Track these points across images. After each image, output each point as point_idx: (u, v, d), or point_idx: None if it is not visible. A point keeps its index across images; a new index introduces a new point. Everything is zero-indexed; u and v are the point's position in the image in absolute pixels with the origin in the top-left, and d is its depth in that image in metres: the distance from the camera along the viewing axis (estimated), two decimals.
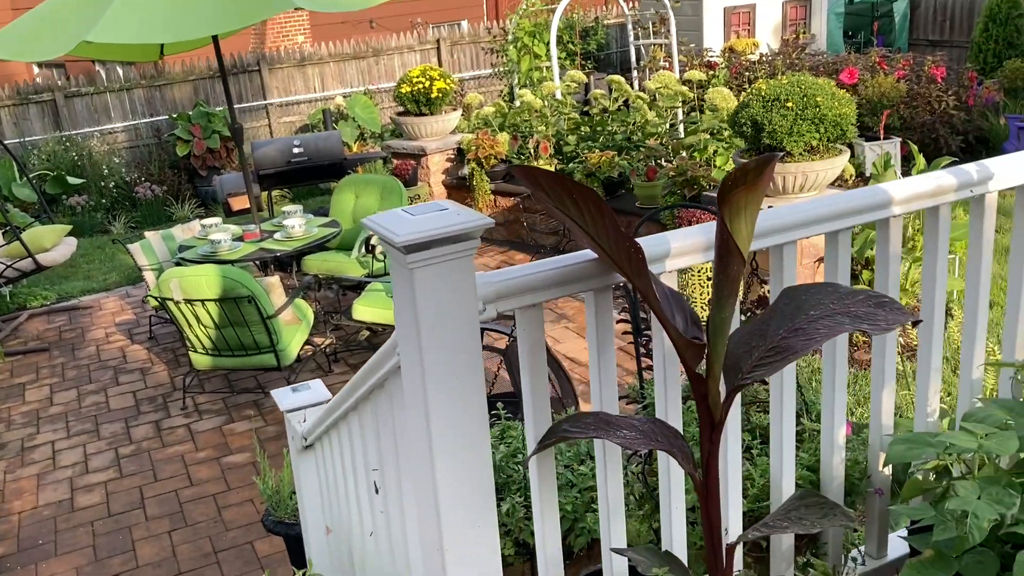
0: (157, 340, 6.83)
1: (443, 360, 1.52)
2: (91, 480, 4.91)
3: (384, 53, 12.58)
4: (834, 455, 2.01)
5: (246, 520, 4.40)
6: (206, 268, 5.24)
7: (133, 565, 4.13)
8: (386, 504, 2.09)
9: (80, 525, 4.49)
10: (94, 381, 6.21)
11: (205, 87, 11.59)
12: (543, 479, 1.73)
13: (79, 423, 5.60)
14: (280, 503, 3.44)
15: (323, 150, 8.15)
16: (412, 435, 1.64)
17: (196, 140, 10.88)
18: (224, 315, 5.28)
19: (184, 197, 10.84)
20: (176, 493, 4.71)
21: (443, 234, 1.46)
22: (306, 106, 12.18)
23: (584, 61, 12.22)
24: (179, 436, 5.32)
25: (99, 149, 10.86)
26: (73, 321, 7.46)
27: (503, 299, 1.59)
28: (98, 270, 8.81)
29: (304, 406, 2.93)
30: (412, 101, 8.48)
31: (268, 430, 5.29)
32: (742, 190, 1.45)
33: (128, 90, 11.17)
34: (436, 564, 1.65)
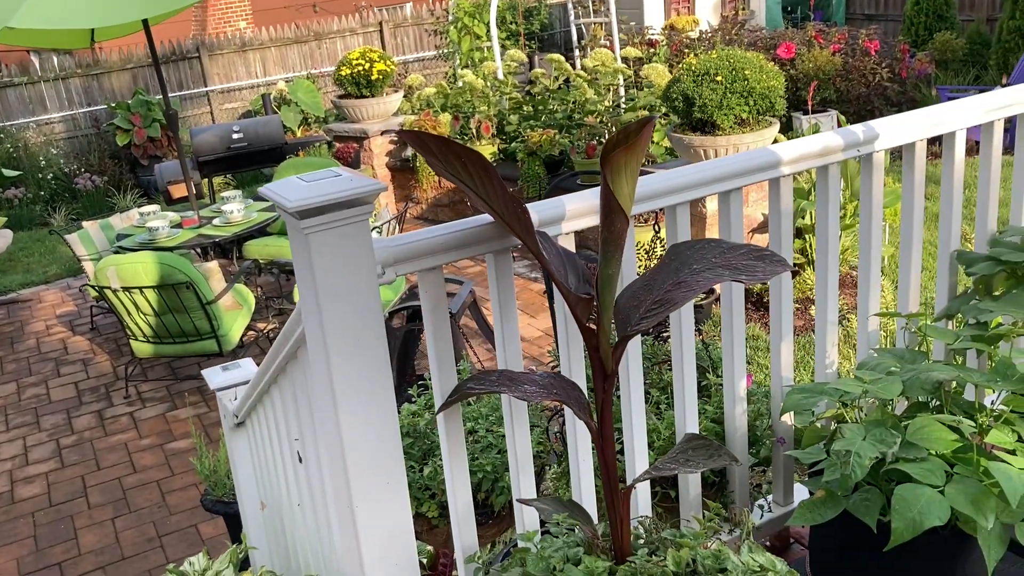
0: (99, 331, 6.77)
1: (343, 322, 1.57)
2: (31, 472, 4.88)
3: (326, 37, 12.49)
4: (736, 406, 2.10)
5: (190, 504, 4.41)
6: (143, 255, 5.22)
7: (76, 553, 4.13)
8: (308, 473, 2.14)
9: (20, 516, 4.47)
10: (34, 373, 6.15)
11: (144, 75, 11.42)
12: (451, 434, 1.79)
13: (19, 415, 5.55)
14: (218, 483, 3.47)
15: (263, 135, 8.11)
16: (320, 399, 1.69)
17: (136, 129, 10.73)
18: (163, 302, 5.26)
19: (126, 187, 10.69)
20: (119, 481, 4.70)
21: (336, 199, 1.51)
22: (248, 92, 12.06)
23: (528, 41, 12.25)
24: (122, 424, 5.30)
25: (35, 140, 10.66)
26: (12, 315, 7.35)
27: (401, 263, 1.65)
28: (38, 263, 8.68)
29: (235, 384, 2.96)
30: (353, 84, 8.46)
31: (212, 415, 5.29)
32: (622, 150, 1.51)
33: (64, 79, 10.97)
34: (348, 523, 1.70)
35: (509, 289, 1.78)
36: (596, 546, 1.66)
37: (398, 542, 1.71)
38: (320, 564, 2.27)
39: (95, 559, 4.07)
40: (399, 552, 1.72)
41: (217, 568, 2.63)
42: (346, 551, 1.80)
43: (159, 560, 4.01)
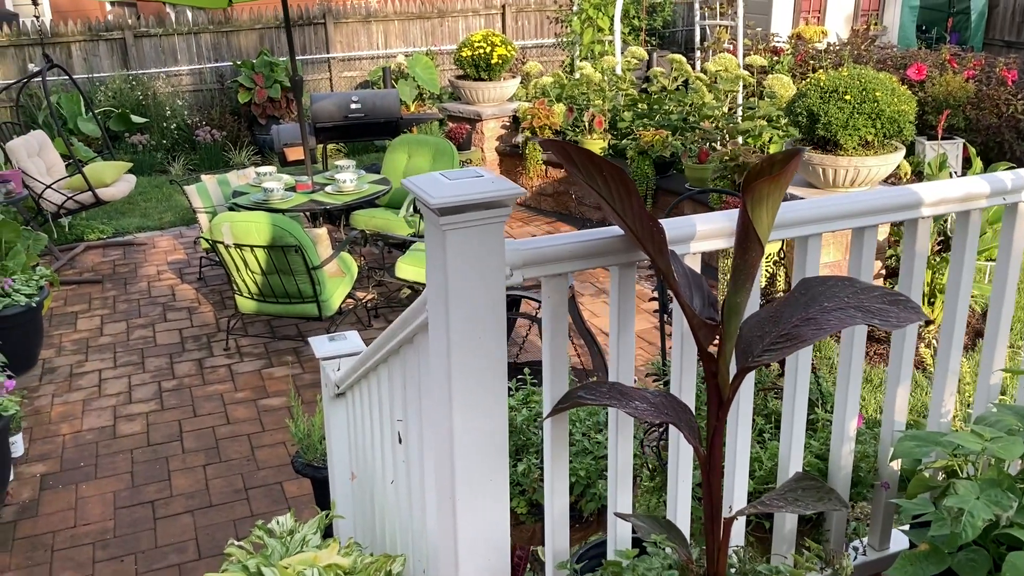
0: (206, 281, 7.03)
1: (468, 318, 1.60)
2: (134, 410, 5.12)
3: (449, 15, 12.60)
4: (843, 445, 2.06)
5: (277, 461, 4.56)
6: (258, 215, 5.39)
7: (168, 494, 4.32)
8: (408, 454, 2.19)
9: (120, 452, 4.69)
10: (143, 316, 6.43)
11: (270, 37, 11.74)
12: (556, 440, 1.80)
13: (126, 355, 5.82)
14: (310, 447, 3.58)
15: (380, 107, 8.25)
16: (435, 389, 1.72)
17: (258, 89, 11.05)
18: (271, 262, 5.42)
19: (242, 144, 11.03)
20: (213, 430, 4.89)
21: (477, 200, 1.54)
22: (368, 62, 12.28)
23: (648, 37, 12.12)
24: (220, 375, 5.50)
25: (164, 90, 11.08)
26: (127, 256, 7.70)
27: (529, 266, 1.66)
28: (154, 209, 9.04)
29: (339, 355, 3.05)
30: (472, 65, 8.52)
31: (305, 377, 5.45)
32: (766, 180, 1.49)
33: (196, 34, 11.36)
34: (448, 516, 1.74)
35: (630, 303, 1.78)
36: (691, 571, 1.66)
37: (493, 537, 1.74)
38: (408, 543, 2.33)
39: (185, 502, 4.25)
40: (493, 547, 1.75)
41: (305, 533, 2.72)
42: (441, 538, 1.84)
43: (244, 512, 4.16)
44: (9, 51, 10.49)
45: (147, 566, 3.80)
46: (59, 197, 7.29)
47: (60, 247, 7.72)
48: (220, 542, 3.95)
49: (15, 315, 5.24)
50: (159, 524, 4.08)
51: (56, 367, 5.65)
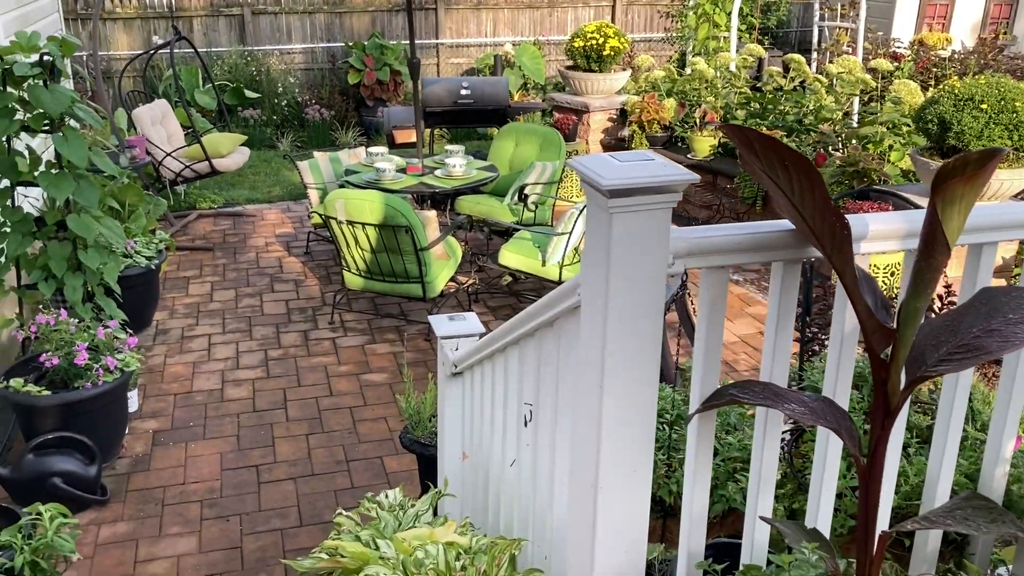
0: (312, 256, 7.17)
1: (627, 306, 1.56)
2: (241, 376, 5.25)
3: (558, 5, 12.55)
4: (997, 467, 1.96)
5: (378, 436, 4.62)
6: (371, 194, 5.46)
7: (271, 459, 4.42)
8: (536, 438, 2.17)
9: (227, 415, 4.82)
10: (251, 285, 6.59)
11: (383, 19, 11.89)
12: (701, 438, 1.76)
13: (235, 321, 5.97)
14: (419, 423, 3.60)
15: (489, 95, 8.27)
16: (582, 375, 1.70)
17: (367, 70, 11.20)
18: (381, 240, 5.49)
19: (349, 124, 11.22)
20: (316, 400, 4.98)
21: (647, 184, 1.50)
22: (475, 50, 12.33)
23: (761, 36, 11.85)
24: (324, 348, 5.60)
25: (277, 67, 11.34)
26: (237, 226, 7.90)
27: (693, 256, 1.62)
28: (263, 182, 9.27)
29: (458, 335, 3.05)
30: (583, 56, 8.47)
31: (407, 355, 5.50)
32: (960, 180, 1.42)
33: (311, 14, 11.59)
34: (587, 504, 1.71)
35: (791, 300, 1.71)
36: None
37: (632, 531, 1.71)
38: (528, 528, 2.31)
39: (287, 469, 4.33)
40: (631, 541, 1.72)
41: (419, 508, 2.73)
42: (574, 527, 1.81)
43: (344, 483, 4.22)
44: (136, 23, 10.89)
45: (251, 528, 3.89)
46: (177, 165, 7.53)
47: (174, 214, 7.97)
48: (321, 510, 4.01)
49: (135, 276, 5.42)
50: (263, 488, 4.18)
51: (168, 329, 5.84)
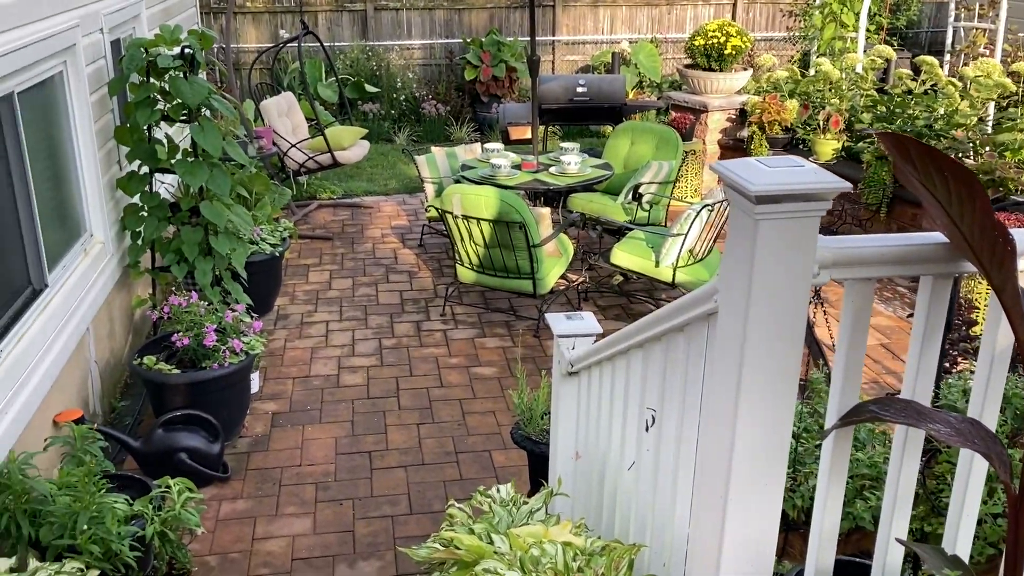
0: (426, 248, 7.29)
1: (768, 315, 1.53)
2: (356, 363, 5.39)
3: (677, 3, 12.38)
4: None
5: (487, 430, 4.66)
6: (487, 190, 5.51)
7: (383, 447, 4.51)
8: (658, 443, 2.15)
9: (342, 401, 4.95)
10: (367, 275, 6.75)
11: (501, 16, 11.98)
12: (836, 454, 1.71)
13: (351, 309, 6.13)
14: (530, 420, 3.61)
15: (606, 92, 8.22)
16: (715, 385, 1.67)
17: (483, 67, 11.31)
18: (495, 236, 5.53)
19: (463, 120, 11.34)
20: (427, 391, 5.06)
21: (797, 190, 1.46)
22: (591, 47, 12.28)
23: (888, 37, 11.40)
24: (435, 340, 5.69)
25: (396, 62, 11.57)
26: (355, 217, 8.11)
27: (839, 267, 1.57)
28: (380, 175, 9.47)
29: (576, 334, 3.04)
30: (703, 55, 8.33)
31: (515, 351, 5.53)
32: None
33: (431, 10, 11.76)
34: (714, 516, 1.68)
35: (940, 316, 1.64)
36: None
37: (760, 545, 1.67)
38: (645, 533, 2.29)
39: (399, 457, 4.42)
40: (758, 555, 1.68)
41: (533, 505, 2.74)
42: (698, 537, 1.79)
43: (453, 475, 4.28)
44: (264, 17, 11.28)
45: (363, 513, 3.99)
46: (301, 156, 7.77)
47: (296, 203, 8.23)
48: (430, 500, 4.08)
49: (260, 262, 5.63)
50: (375, 474, 4.28)
51: (289, 314, 6.04)
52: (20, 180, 3.77)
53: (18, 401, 3.38)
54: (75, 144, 4.47)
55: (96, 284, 4.46)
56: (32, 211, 3.85)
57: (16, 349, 3.49)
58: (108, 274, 4.69)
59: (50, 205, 4.12)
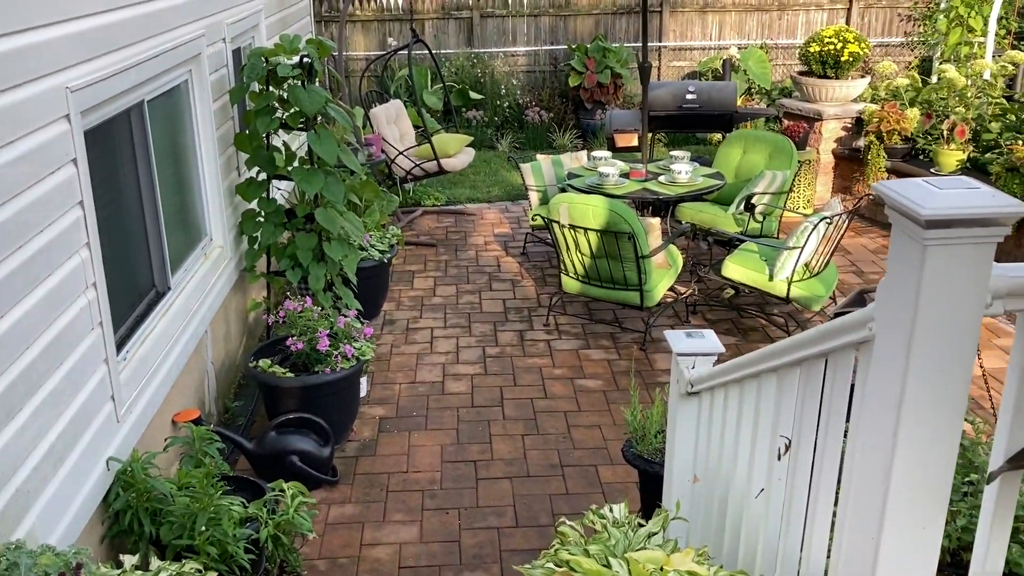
0: (529, 257, 7.26)
1: (934, 347, 1.42)
2: (460, 371, 5.39)
3: (789, 8, 12.05)
4: None
5: (592, 444, 4.59)
6: (595, 199, 5.44)
7: (488, 456, 4.49)
8: (792, 473, 2.05)
9: (448, 408, 4.96)
10: (471, 282, 6.76)
11: (606, 22, 11.89)
12: (1003, 495, 1.58)
13: (455, 317, 6.15)
14: (643, 438, 3.53)
15: (716, 100, 8.05)
16: (869, 420, 1.56)
17: (588, 73, 11.23)
18: (602, 246, 5.46)
19: (566, 126, 11.29)
20: (531, 402, 5.02)
21: (972, 215, 1.35)
22: (698, 53, 12.07)
23: (1016, 41, 10.84)
24: (539, 350, 5.65)
25: (501, 69, 11.60)
26: (458, 224, 8.15)
27: (1015, 297, 1.45)
28: (483, 182, 9.50)
29: (696, 353, 2.95)
30: (818, 62, 8.06)
31: (620, 364, 5.44)
32: None
33: (536, 16, 11.76)
34: (863, 557, 1.58)
35: None
36: None
37: None
38: (774, 566, 2.19)
39: (504, 468, 4.39)
40: None
41: (650, 529, 2.66)
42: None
43: (559, 488, 4.22)
44: (373, 25, 11.48)
45: (468, 523, 3.97)
46: (408, 163, 7.86)
47: (401, 209, 8.33)
48: (536, 513, 4.03)
49: (369, 268, 5.69)
50: (480, 484, 4.25)
51: (395, 320, 6.10)
52: (148, 186, 3.90)
53: (142, 400, 3.49)
54: (198, 151, 4.60)
55: (215, 287, 4.58)
56: (158, 215, 3.97)
57: (141, 349, 3.60)
58: (226, 277, 4.81)
59: (174, 210, 4.25)
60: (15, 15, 2.55)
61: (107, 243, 3.37)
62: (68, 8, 2.92)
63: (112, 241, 3.49)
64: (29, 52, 2.63)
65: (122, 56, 3.39)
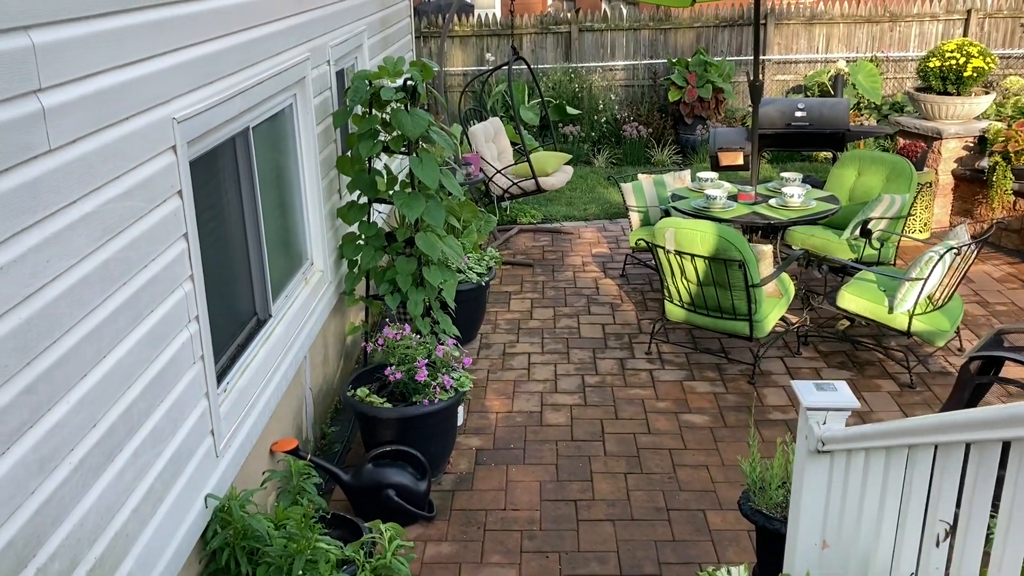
0: (628, 279, 7.04)
1: None
2: (559, 400, 5.21)
3: (902, 20, 11.52)
4: None
5: (699, 486, 4.35)
6: (703, 224, 5.20)
7: (589, 496, 4.30)
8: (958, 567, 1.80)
9: (546, 441, 4.78)
10: (568, 305, 6.58)
11: (708, 35, 11.58)
12: None
13: (552, 342, 5.98)
14: (763, 491, 3.29)
15: (827, 117, 7.69)
16: None
17: (689, 87, 10.95)
18: (710, 274, 5.21)
19: (665, 142, 11.03)
20: (634, 437, 4.81)
21: None
22: (804, 66, 11.64)
23: None
24: (641, 380, 5.43)
25: (598, 84, 11.41)
26: (555, 243, 7.98)
27: None
28: (579, 199, 9.32)
29: (827, 407, 2.71)
30: (938, 78, 7.62)
31: (728, 398, 5.18)
32: None
33: (636, 30, 11.54)
34: None
35: None
36: None
37: None
38: None
39: (606, 509, 4.19)
40: None
41: None
42: None
43: (664, 534, 4.00)
44: (471, 40, 11.45)
45: (570, 568, 3.78)
46: (505, 182, 7.74)
47: (497, 227, 8.21)
48: (640, 561, 3.82)
49: (466, 291, 5.58)
50: (581, 526, 4.06)
51: (492, 343, 5.97)
52: (252, 213, 3.86)
53: (241, 432, 3.42)
54: (300, 175, 4.56)
55: (315, 312, 4.53)
56: (261, 242, 3.92)
57: (241, 380, 3.54)
58: (326, 301, 4.76)
59: (276, 235, 4.21)
60: (122, 49, 2.50)
61: (210, 273, 3.33)
62: (174, 39, 2.87)
63: (215, 270, 3.45)
64: (135, 85, 2.58)
65: (228, 84, 3.35)
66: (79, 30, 2.26)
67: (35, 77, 2.06)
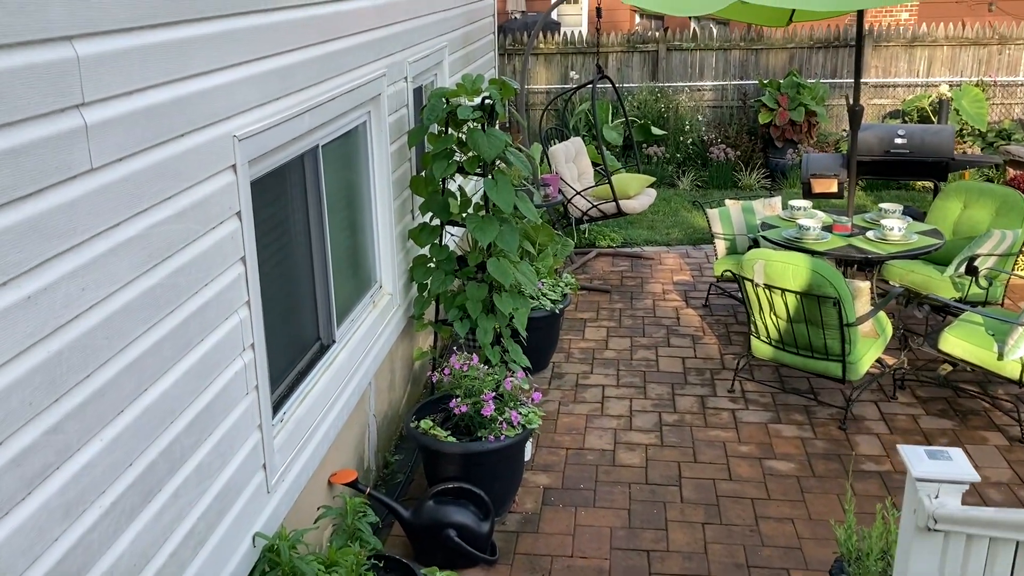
0: (711, 310, 6.71)
1: None
2: (633, 439, 4.92)
3: (1012, 42, 10.89)
4: None
5: (784, 542, 4.01)
6: (796, 257, 4.86)
7: (663, 546, 4.00)
8: None
9: (618, 483, 4.50)
10: (647, 335, 6.29)
11: (801, 56, 11.15)
12: None
13: (628, 375, 5.69)
14: (859, 561, 2.95)
15: (929, 145, 7.24)
16: None
17: (780, 110, 10.54)
18: (801, 310, 4.87)
19: (753, 165, 10.63)
20: (713, 483, 4.49)
21: None
22: (903, 90, 11.10)
23: None
24: (723, 420, 5.10)
25: (685, 104, 11.09)
26: (634, 268, 7.69)
27: None
28: (662, 223, 9.01)
29: (940, 479, 2.38)
30: None
31: (816, 444, 4.82)
32: None
33: (726, 50, 11.19)
34: None
35: None
36: None
37: None
38: None
39: (681, 563, 3.89)
40: None
41: None
42: None
43: None
44: (555, 58, 11.27)
45: None
46: (585, 204, 7.50)
47: (575, 250, 7.97)
48: None
49: (539, 319, 5.35)
50: None
51: (564, 373, 5.71)
52: (318, 235, 3.70)
53: (296, 466, 3.25)
54: (372, 195, 4.40)
55: (382, 336, 4.36)
56: (327, 264, 3.77)
57: (299, 410, 3.37)
58: (393, 325, 4.59)
59: (343, 257, 4.05)
60: (179, 62, 2.35)
61: (270, 297, 3.17)
62: (241, 51, 2.73)
63: (275, 294, 3.29)
64: (193, 100, 2.43)
65: (296, 100, 3.20)
66: (129, 41, 2.11)
67: (78, 90, 1.91)
